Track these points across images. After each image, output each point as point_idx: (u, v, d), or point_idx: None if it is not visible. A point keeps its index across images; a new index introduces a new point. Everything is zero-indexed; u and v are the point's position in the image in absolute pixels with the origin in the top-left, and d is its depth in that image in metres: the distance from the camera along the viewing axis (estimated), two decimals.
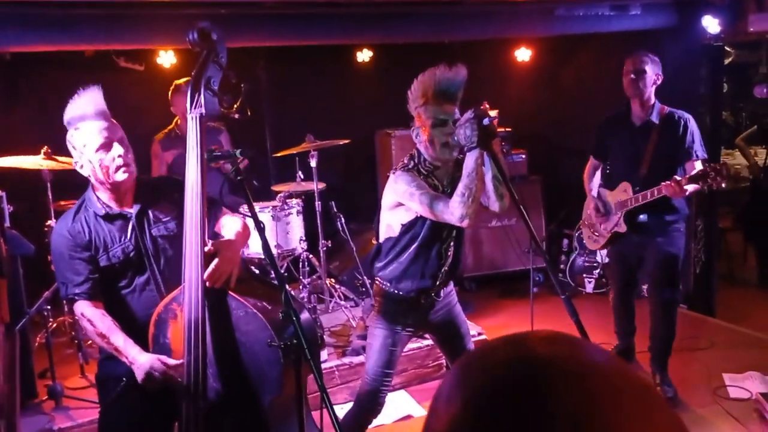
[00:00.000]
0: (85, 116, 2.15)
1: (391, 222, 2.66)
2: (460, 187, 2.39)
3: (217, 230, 2.33)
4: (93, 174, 2.19)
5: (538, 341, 0.59)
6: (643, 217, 3.46)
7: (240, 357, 2.07)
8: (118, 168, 2.18)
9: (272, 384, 2.05)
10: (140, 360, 2.07)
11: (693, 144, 3.38)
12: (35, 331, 4.13)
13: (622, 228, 3.51)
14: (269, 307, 2.09)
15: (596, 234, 3.75)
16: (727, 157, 7.50)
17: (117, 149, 2.17)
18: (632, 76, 3.40)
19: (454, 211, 2.38)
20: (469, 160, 2.39)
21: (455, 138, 2.41)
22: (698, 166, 3.28)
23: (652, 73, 3.41)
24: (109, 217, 2.23)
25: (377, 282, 2.75)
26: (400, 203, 2.56)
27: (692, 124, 3.42)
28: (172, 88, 4.44)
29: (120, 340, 2.11)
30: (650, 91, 3.43)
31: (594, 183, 3.81)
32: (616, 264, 3.88)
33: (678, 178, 3.16)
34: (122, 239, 2.22)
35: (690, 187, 3.13)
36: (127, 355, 2.09)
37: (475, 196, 2.37)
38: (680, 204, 3.46)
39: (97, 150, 2.15)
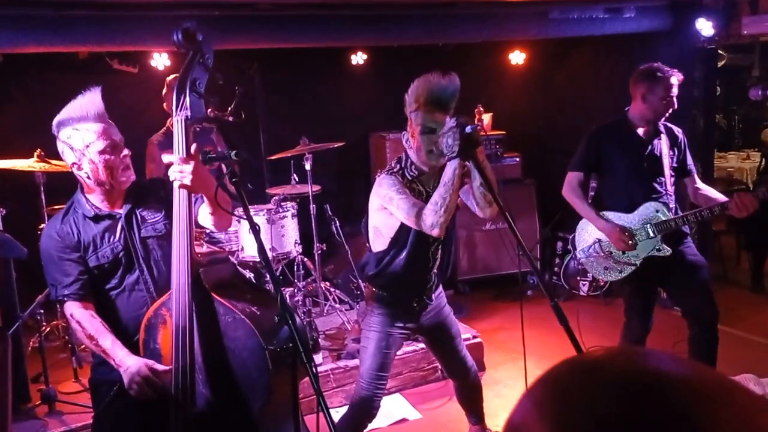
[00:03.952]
0: (87, 117, 2.14)
1: (377, 225, 2.66)
2: (435, 196, 2.38)
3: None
4: (93, 174, 2.17)
5: (659, 359, 0.54)
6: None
7: (228, 363, 2.06)
8: (125, 169, 2.19)
9: (261, 390, 2.03)
10: (128, 363, 2.06)
11: (692, 160, 3.29)
12: (29, 335, 4.10)
13: (666, 251, 3.17)
14: (258, 313, 2.07)
15: (616, 262, 3.28)
16: (719, 160, 7.54)
17: (123, 150, 2.19)
18: (676, 93, 3.10)
19: (425, 219, 2.38)
20: (448, 170, 2.37)
21: (439, 146, 2.39)
22: (697, 180, 3.25)
23: None
24: (97, 218, 2.22)
25: (369, 286, 2.75)
26: (384, 206, 2.56)
27: (686, 139, 3.33)
28: (165, 84, 4.38)
29: (108, 342, 2.11)
30: None
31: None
32: (640, 296, 3.36)
33: (746, 194, 2.97)
34: (111, 239, 2.22)
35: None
36: (115, 357, 2.08)
37: (448, 206, 2.35)
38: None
39: (102, 151, 2.14)
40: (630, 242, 3.15)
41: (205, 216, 2.22)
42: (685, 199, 3.44)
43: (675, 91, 3.12)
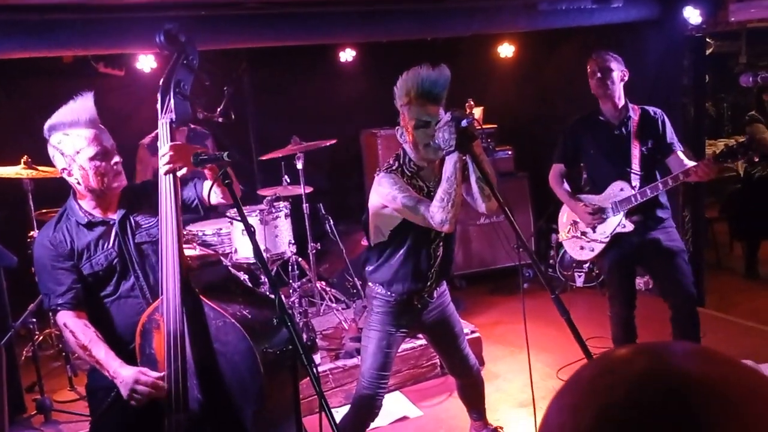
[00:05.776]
0: (78, 122, 2.11)
1: (378, 224, 2.63)
2: (440, 192, 2.36)
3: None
4: (84, 180, 2.14)
5: (684, 356, 0.54)
6: (636, 217, 3.32)
7: (221, 367, 2.04)
8: (116, 176, 2.17)
9: (254, 394, 2.01)
10: (123, 374, 2.03)
11: (673, 138, 3.36)
12: (22, 344, 4.05)
13: (629, 227, 3.33)
14: (249, 316, 2.05)
15: (588, 241, 3.49)
16: (709, 147, 7.55)
17: (114, 157, 2.17)
18: (599, 75, 3.27)
19: (433, 216, 2.35)
20: (448, 164, 2.35)
21: (435, 141, 2.37)
22: (681, 156, 3.30)
23: (618, 70, 3.29)
24: (91, 225, 2.19)
25: (370, 285, 2.73)
26: (385, 205, 2.54)
27: (667, 119, 3.40)
28: None
29: (102, 353, 2.08)
30: (620, 89, 3.31)
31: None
32: (616, 274, 3.52)
33: (707, 160, 3.06)
34: (105, 246, 2.19)
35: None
36: (108, 368, 2.06)
37: (454, 200, 2.33)
38: (665, 200, 3.40)
39: (93, 158, 2.11)
40: (595, 215, 3.37)
41: (212, 193, 2.12)
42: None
43: (600, 67, 3.27)
